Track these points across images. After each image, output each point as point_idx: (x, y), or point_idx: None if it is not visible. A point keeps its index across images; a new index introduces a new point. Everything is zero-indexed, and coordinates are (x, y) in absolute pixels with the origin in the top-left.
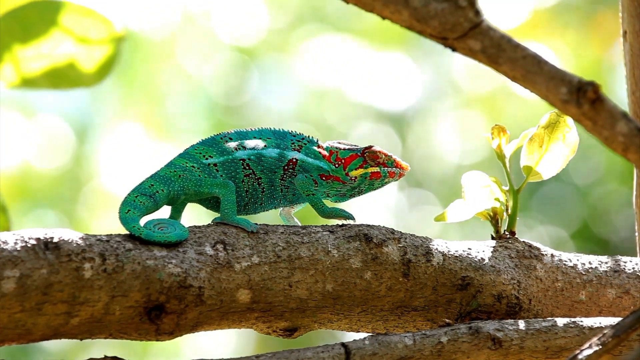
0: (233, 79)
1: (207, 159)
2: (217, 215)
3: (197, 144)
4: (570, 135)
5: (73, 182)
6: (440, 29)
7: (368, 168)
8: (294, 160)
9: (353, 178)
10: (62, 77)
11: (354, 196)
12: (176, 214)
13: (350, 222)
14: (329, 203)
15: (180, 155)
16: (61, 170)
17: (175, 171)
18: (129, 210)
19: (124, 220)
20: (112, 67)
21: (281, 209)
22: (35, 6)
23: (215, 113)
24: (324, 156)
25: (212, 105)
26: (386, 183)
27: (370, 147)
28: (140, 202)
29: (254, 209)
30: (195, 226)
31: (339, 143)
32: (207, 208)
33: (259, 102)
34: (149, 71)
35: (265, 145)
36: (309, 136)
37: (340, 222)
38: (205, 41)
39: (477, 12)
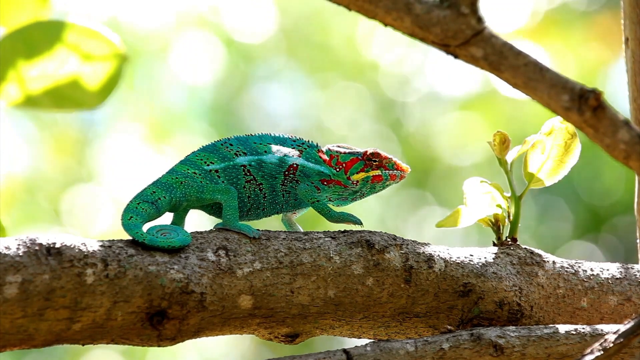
0: (231, 82)
1: (208, 165)
2: (219, 221)
3: (198, 150)
4: (572, 142)
5: (71, 185)
6: (443, 36)
7: (369, 171)
8: (295, 165)
9: (355, 182)
10: (65, 98)
11: (356, 200)
12: (179, 220)
13: (358, 227)
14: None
15: (181, 162)
16: (60, 173)
17: (177, 178)
18: (131, 217)
19: (126, 226)
20: (114, 88)
21: (283, 214)
22: (39, 26)
23: (212, 116)
24: (324, 160)
25: (209, 108)
26: (387, 186)
27: (371, 150)
28: (143, 209)
29: (257, 215)
30: (197, 232)
31: (339, 147)
32: (209, 214)
33: (258, 104)
34: (147, 73)
35: (265, 151)
36: (309, 141)
37: (347, 226)
38: (204, 43)
39: (479, 20)
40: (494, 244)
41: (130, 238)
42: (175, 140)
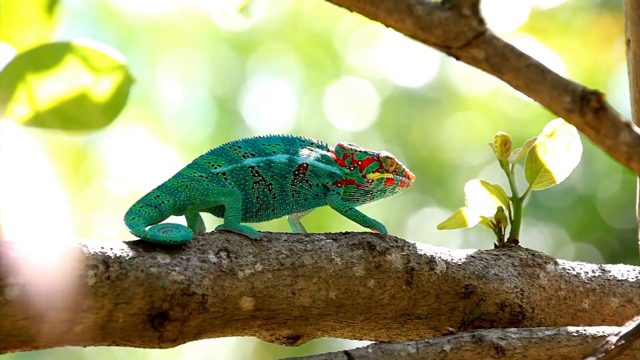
0: (235, 78)
1: (215, 168)
2: (221, 222)
3: (206, 153)
4: (573, 144)
5: (76, 184)
6: (444, 37)
7: (384, 173)
8: (305, 165)
9: (370, 181)
10: (73, 120)
11: (366, 202)
12: (192, 223)
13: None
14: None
15: (189, 166)
16: (64, 173)
17: (182, 181)
18: (133, 218)
19: (128, 224)
20: (121, 109)
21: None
22: (48, 48)
23: (216, 114)
24: (335, 160)
25: (213, 106)
26: (395, 192)
27: (385, 153)
28: (145, 212)
29: (267, 215)
30: (199, 233)
31: (350, 145)
32: (218, 217)
33: (258, 102)
34: (150, 71)
35: (274, 152)
36: (318, 141)
37: (349, 228)
38: (209, 41)
39: (481, 21)
40: (496, 246)
41: (132, 240)
42: (176, 139)
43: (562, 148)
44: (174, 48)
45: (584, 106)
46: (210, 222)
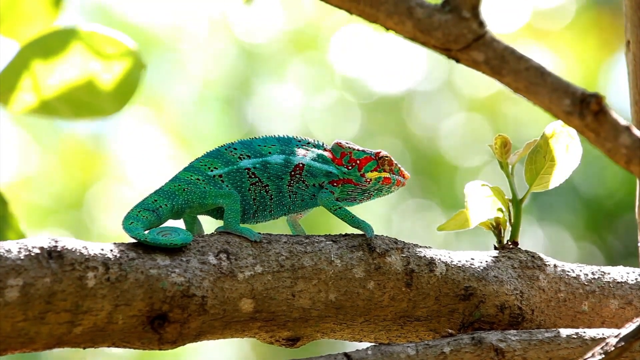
0: (242, 80)
1: (212, 170)
2: (221, 224)
3: (202, 156)
4: (573, 146)
5: (82, 185)
6: (444, 40)
7: (382, 172)
8: (301, 165)
9: (368, 180)
10: (83, 106)
11: (363, 201)
12: (190, 226)
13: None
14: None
15: (185, 169)
16: (70, 174)
17: (179, 185)
18: (132, 222)
19: (127, 229)
20: (132, 95)
21: (288, 215)
22: (56, 35)
23: (224, 115)
24: (332, 159)
25: (221, 107)
26: (391, 192)
27: (383, 152)
28: (144, 216)
29: (264, 217)
30: (198, 235)
31: (348, 143)
32: (216, 218)
33: (265, 104)
34: (158, 72)
35: (270, 152)
36: (314, 140)
37: (350, 230)
38: (217, 42)
39: (481, 24)
40: (495, 248)
41: (132, 242)
42: (185, 140)
43: (562, 150)
44: (184, 51)
45: (583, 109)
46: (209, 224)
